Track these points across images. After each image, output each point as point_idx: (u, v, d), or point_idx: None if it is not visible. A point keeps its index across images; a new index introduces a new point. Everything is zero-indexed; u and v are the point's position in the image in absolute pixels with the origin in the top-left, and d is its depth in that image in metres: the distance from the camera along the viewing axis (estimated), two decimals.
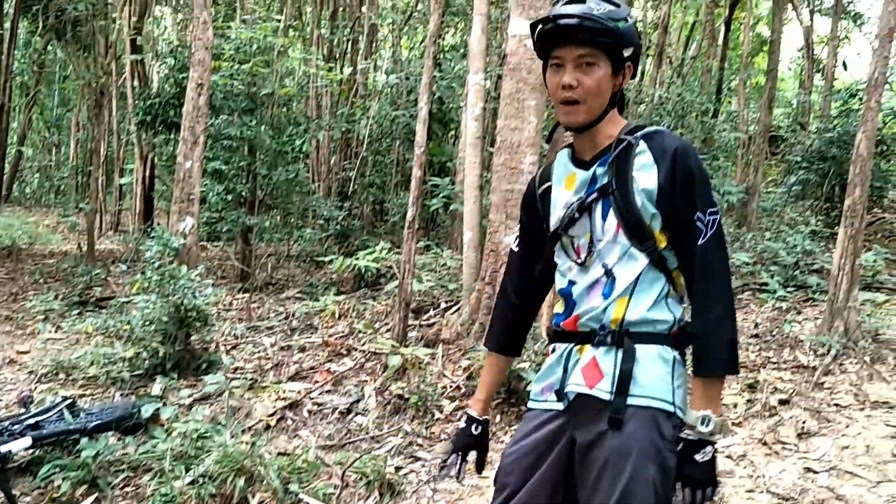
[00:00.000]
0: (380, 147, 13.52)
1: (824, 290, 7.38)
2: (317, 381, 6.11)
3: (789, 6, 19.68)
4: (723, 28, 18.01)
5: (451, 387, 5.86)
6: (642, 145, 2.12)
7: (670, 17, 16.05)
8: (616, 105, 2.21)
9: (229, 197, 10.40)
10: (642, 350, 2.10)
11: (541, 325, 6.22)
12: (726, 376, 2.12)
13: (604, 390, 2.10)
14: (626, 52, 2.14)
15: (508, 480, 2.24)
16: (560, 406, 2.21)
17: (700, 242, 2.06)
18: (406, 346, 6.18)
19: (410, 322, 7.00)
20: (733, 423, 5.37)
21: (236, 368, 6.42)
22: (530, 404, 2.33)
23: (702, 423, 2.00)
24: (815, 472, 4.60)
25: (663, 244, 2.13)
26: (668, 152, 2.08)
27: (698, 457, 2.00)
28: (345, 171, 13.47)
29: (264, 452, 4.68)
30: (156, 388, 5.79)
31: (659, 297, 2.13)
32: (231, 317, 8.35)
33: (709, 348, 2.05)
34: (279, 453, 4.85)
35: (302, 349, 6.86)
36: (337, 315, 7.85)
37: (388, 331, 6.90)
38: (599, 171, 2.18)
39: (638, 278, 2.13)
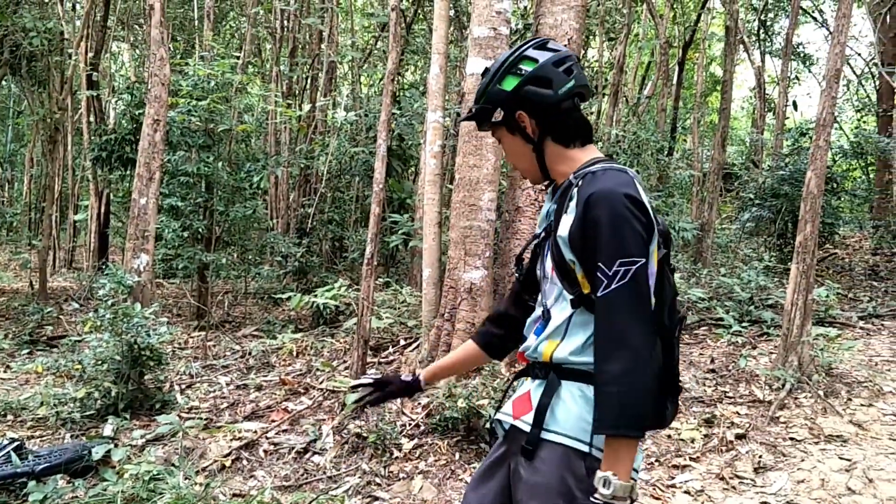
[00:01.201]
0: (339, 183, 13.51)
1: (778, 325, 7.50)
2: (273, 421, 6.02)
3: (741, 47, 20.22)
4: (677, 68, 18.41)
5: (409, 425, 5.81)
6: (574, 189, 2.07)
7: (626, 58, 16.35)
8: (558, 141, 2.19)
9: (185, 233, 10.29)
10: (567, 387, 2.07)
11: (500, 363, 6.22)
12: (632, 440, 1.91)
13: (526, 422, 2.10)
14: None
15: (467, 498, 2.28)
16: (500, 433, 2.27)
17: (599, 294, 1.94)
18: None
19: (369, 359, 6.96)
20: (690, 458, 5.39)
21: (191, 408, 6.30)
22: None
23: (603, 485, 1.89)
24: None
25: (587, 289, 2.04)
26: (582, 199, 2.00)
27: None
28: (303, 207, 13.41)
29: (219, 494, 4.59)
30: (107, 429, 5.65)
31: (589, 341, 2.04)
32: (186, 355, 8.22)
33: (597, 407, 1.93)
34: (234, 495, 4.75)
35: (258, 388, 6.76)
36: (294, 353, 7.77)
37: (346, 368, 6.84)
38: (551, 208, 2.21)
39: (569, 320, 2.09)
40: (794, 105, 17.07)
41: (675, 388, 2.16)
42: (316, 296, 7.75)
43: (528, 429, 2.08)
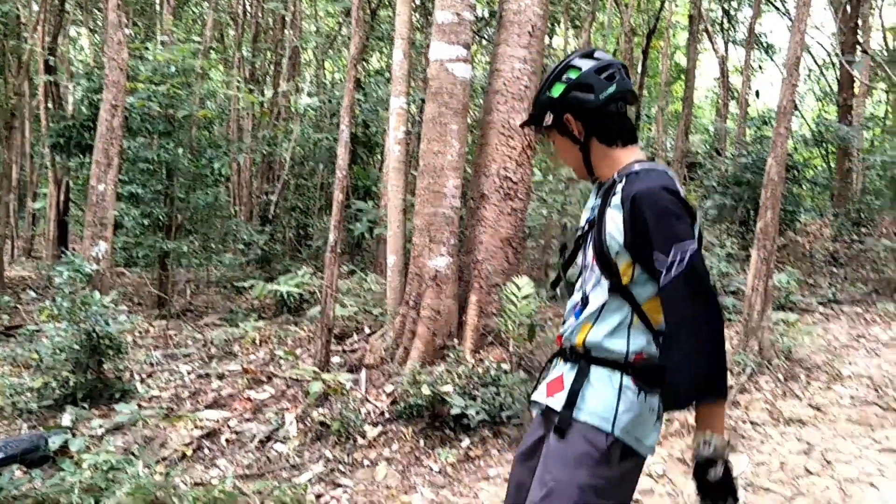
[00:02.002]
0: (302, 171, 13.39)
1: (740, 311, 7.58)
2: (236, 410, 5.96)
3: (705, 36, 20.36)
4: (641, 57, 18.49)
5: (374, 412, 5.79)
6: (618, 186, 2.27)
7: (591, 46, 16.38)
8: (604, 143, 2.39)
9: (146, 221, 10.14)
10: (596, 372, 2.30)
11: (465, 350, 6.22)
12: (719, 401, 2.14)
13: (558, 402, 2.33)
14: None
15: (514, 476, 2.54)
16: (536, 412, 2.52)
17: (662, 282, 2.13)
18: (328, 372, 6.09)
19: (333, 348, 6.91)
20: None
21: (151, 397, 6.22)
22: None
23: (702, 446, 2.12)
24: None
25: (627, 279, 2.25)
26: (628, 198, 2.20)
27: (709, 476, 2.12)
28: (266, 194, 13.28)
29: (179, 483, 4.53)
30: (65, 419, 5.55)
31: (619, 326, 2.27)
32: (147, 344, 8.11)
33: (668, 386, 2.16)
34: (195, 484, 4.69)
35: (220, 377, 6.68)
36: (257, 342, 7.70)
37: (310, 357, 6.79)
38: (595, 203, 2.42)
39: (603, 306, 2.30)
40: (757, 94, 17.22)
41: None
42: (279, 284, 7.67)
43: (559, 409, 2.31)
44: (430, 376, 5.60)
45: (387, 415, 5.75)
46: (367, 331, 7.46)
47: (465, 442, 5.44)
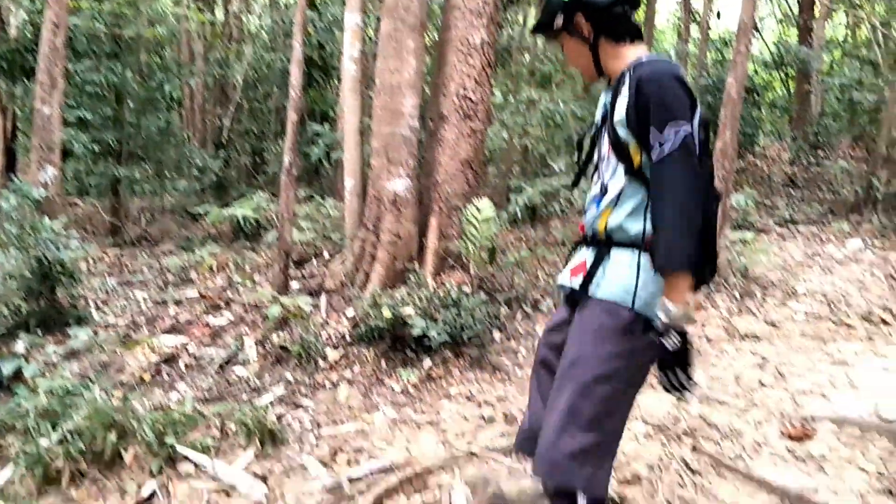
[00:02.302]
0: (256, 94, 13.05)
1: None
2: (194, 335, 5.89)
3: None
4: None
5: (335, 335, 5.76)
6: (627, 76, 2.40)
7: None
8: (612, 40, 2.51)
9: (96, 147, 9.84)
10: (616, 254, 2.46)
11: (425, 273, 6.19)
12: (686, 274, 2.26)
13: (580, 283, 2.52)
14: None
15: (540, 353, 2.75)
16: (561, 295, 2.71)
17: (655, 159, 2.26)
18: (287, 297, 6.03)
19: (292, 273, 6.84)
20: None
21: (107, 324, 6.12)
22: None
23: (663, 313, 2.28)
24: (688, 402, 4.75)
25: (637, 161, 2.39)
26: (634, 81, 2.34)
27: (666, 344, 2.28)
28: (220, 119, 12.94)
29: (138, 407, 4.48)
30: (19, 347, 5.45)
31: (637, 208, 2.42)
32: (101, 272, 7.96)
33: (653, 251, 2.31)
34: (154, 407, 4.64)
35: (178, 303, 6.60)
36: (214, 268, 7.59)
37: (268, 282, 6.71)
38: (607, 100, 2.55)
39: (622, 191, 2.45)
40: (718, 15, 17.09)
41: (713, 255, 2.49)
42: (234, 209, 7.54)
43: (579, 286, 2.51)
44: (390, 299, 5.57)
45: (348, 338, 5.72)
46: (326, 256, 7.39)
47: (427, 363, 5.45)
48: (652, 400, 4.91)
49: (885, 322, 6.15)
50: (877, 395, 4.93)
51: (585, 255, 2.58)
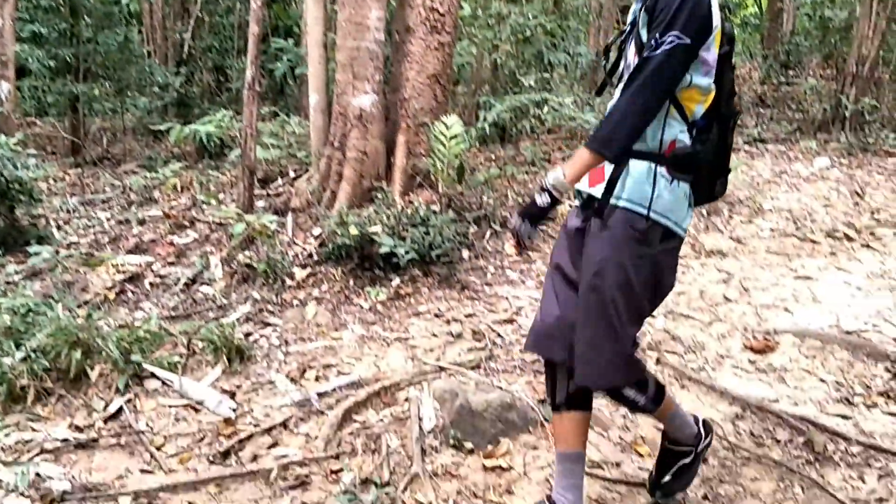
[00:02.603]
0: (217, 8, 12.63)
1: None
2: (158, 254, 5.82)
3: None
4: None
5: (302, 254, 5.72)
6: None
7: None
8: None
9: (52, 63, 9.51)
10: (634, 164, 2.50)
11: (393, 191, 6.13)
12: (596, 156, 2.45)
13: (599, 191, 2.56)
14: None
15: (555, 257, 2.80)
16: (578, 202, 2.76)
17: (644, 54, 2.37)
18: (252, 215, 5.94)
19: (258, 192, 6.74)
20: None
21: (70, 243, 6.02)
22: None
23: (551, 176, 2.50)
24: (653, 317, 4.80)
25: None
26: None
27: (537, 199, 2.54)
28: (180, 35, 12.53)
29: (102, 325, 4.44)
30: None
31: (657, 118, 2.45)
32: (62, 191, 7.79)
33: (593, 130, 2.50)
34: (119, 326, 4.60)
35: (141, 222, 6.49)
36: (178, 187, 7.46)
37: (233, 202, 6.61)
38: (636, 7, 2.58)
39: None
40: None
41: (726, 169, 2.69)
42: (197, 126, 7.36)
43: (600, 196, 2.54)
44: (357, 217, 5.51)
45: (315, 257, 5.68)
46: (291, 174, 7.29)
47: (395, 281, 5.44)
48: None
49: (848, 238, 6.23)
50: (838, 309, 5.02)
51: (605, 162, 2.58)
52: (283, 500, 3.25)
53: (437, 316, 5.02)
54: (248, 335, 4.67)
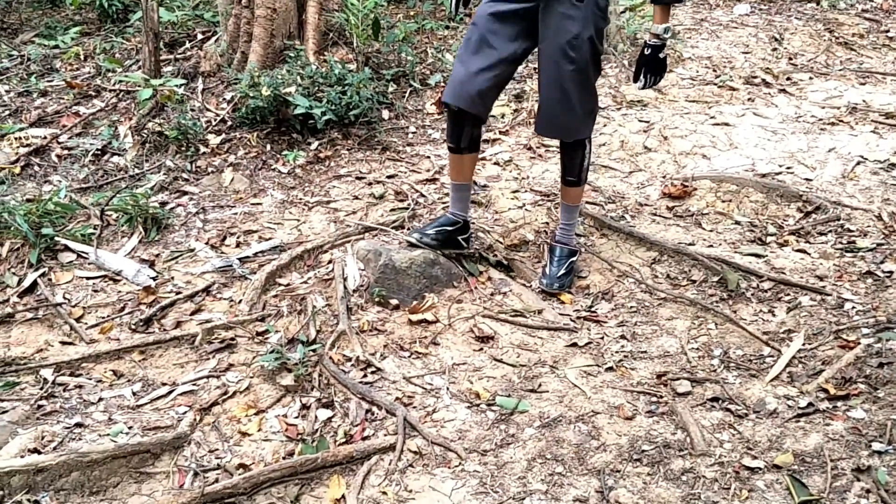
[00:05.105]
0: None
1: None
2: (64, 126, 5.55)
3: None
4: None
5: (215, 120, 5.52)
6: None
7: None
8: None
9: None
10: None
11: (307, 51, 5.90)
12: (675, 4, 3.34)
13: None
14: None
15: (483, 24, 3.34)
16: None
17: None
18: (159, 80, 5.67)
19: (165, 57, 6.41)
20: (500, 132, 5.47)
21: None
22: None
23: (664, 32, 3.27)
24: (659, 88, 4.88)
25: None
26: None
27: (660, 55, 3.34)
28: None
29: (9, 200, 4.27)
30: None
31: None
32: None
33: None
34: (27, 200, 4.43)
35: (44, 93, 6.15)
36: (81, 56, 7.04)
37: (138, 67, 6.28)
38: None
39: None
40: None
41: None
42: None
43: None
44: (270, 79, 5.31)
45: (229, 122, 5.49)
46: (200, 37, 6.93)
47: (314, 144, 5.32)
48: (539, 170, 4.97)
49: (766, 84, 6.28)
50: (754, 153, 5.11)
51: None
52: (209, 362, 3.26)
53: (358, 178, 4.95)
54: (163, 204, 4.55)
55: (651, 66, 3.35)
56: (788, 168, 4.90)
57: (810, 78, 6.39)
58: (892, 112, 5.56)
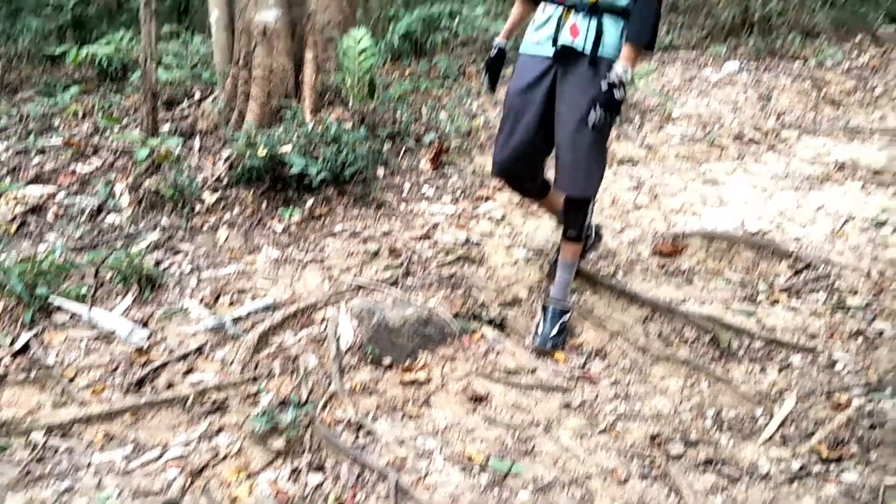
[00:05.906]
0: None
1: None
2: (61, 184, 5.60)
3: None
4: None
5: (211, 178, 5.57)
6: None
7: None
8: None
9: None
10: (607, 21, 3.35)
11: (303, 110, 5.99)
12: (644, 50, 3.36)
13: (580, 44, 3.37)
14: None
15: (514, 103, 3.64)
16: (551, 52, 3.47)
17: None
18: (157, 139, 5.74)
19: (163, 115, 6.50)
20: (495, 189, 5.53)
21: None
22: (525, 50, 3.64)
23: (622, 72, 3.25)
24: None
25: None
26: None
27: (616, 94, 3.27)
28: None
29: (4, 260, 4.28)
30: None
31: None
32: None
33: (633, 26, 3.29)
34: (22, 259, 4.44)
35: (41, 151, 6.21)
36: (79, 114, 7.14)
37: (136, 125, 6.37)
38: None
39: None
40: None
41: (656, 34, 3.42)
42: (94, 48, 7.01)
43: (582, 49, 3.36)
44: (267, 137, 5.38)
45: (225, 180, 5.55)
46: (197, 96, 7.03)
47: (309, 201, 5.36)
48: (532, 226, 5.01)
49: (754, 141, 6.38)
50: (744, 210, 5.17)
51: (576, 20, 3.37)
52: (200, 425, 3.25)
53: (352, 235, 4.98)
54: (158, 263, 4.57)
55: (604, 102, 3.30)
56: (778, 225, 4.96)
57: (799, 135, 6.49)
58: (880, 169, 5.64)
